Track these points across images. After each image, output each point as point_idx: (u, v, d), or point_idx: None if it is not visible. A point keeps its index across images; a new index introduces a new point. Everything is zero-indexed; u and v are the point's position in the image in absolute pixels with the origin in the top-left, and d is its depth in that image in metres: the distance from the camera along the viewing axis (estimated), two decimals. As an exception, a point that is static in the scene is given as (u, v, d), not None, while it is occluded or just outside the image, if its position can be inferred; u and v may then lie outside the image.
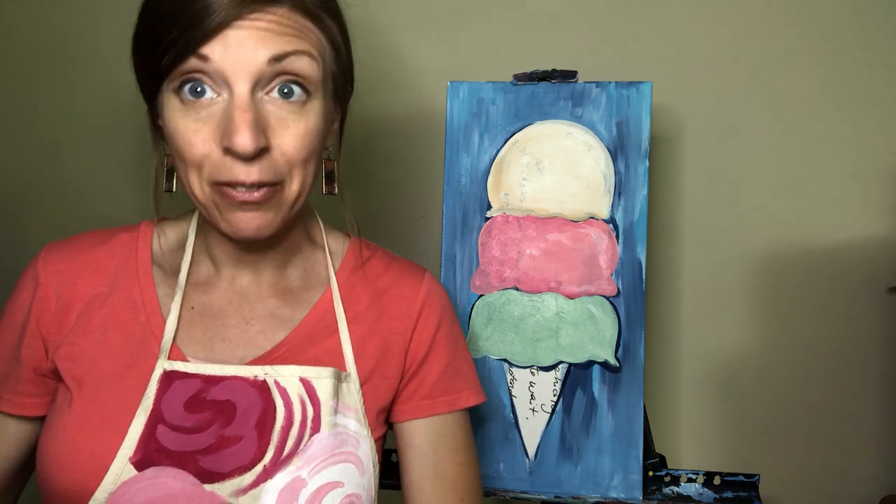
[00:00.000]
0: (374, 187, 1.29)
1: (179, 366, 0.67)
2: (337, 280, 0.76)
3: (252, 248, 0.72)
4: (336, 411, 0.68)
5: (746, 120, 1.18)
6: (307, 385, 0.68)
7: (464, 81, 1.00)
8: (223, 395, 0.66)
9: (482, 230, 0.99)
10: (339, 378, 0.69)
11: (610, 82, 0.97)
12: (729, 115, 1.18)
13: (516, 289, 0.98)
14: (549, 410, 0.96)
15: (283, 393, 0.67)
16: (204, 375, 0.67)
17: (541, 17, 1.22)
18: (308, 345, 0.71)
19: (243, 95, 0.60)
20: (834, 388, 1.19)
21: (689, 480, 0.96)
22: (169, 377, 0.66)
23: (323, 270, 0.77)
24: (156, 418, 0.64)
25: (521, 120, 0.99)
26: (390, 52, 1.26)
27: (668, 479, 0.97)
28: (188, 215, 0.77)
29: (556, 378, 0.96)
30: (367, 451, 0.69)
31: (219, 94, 0.61)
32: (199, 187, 0.63)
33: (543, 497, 0.95)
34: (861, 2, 1.15)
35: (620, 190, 0.97)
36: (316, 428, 0.67)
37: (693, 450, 1.22)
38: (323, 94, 0.65)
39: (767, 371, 1.20)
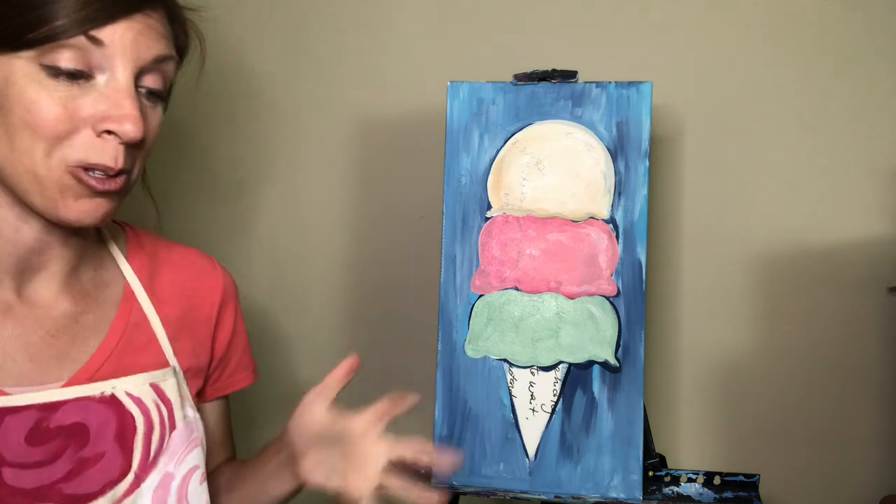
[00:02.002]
0: (374, 187, 1.29)
1: (1, 401, 0.60)
2: (133, 272, 0.73)
3: (45, 249, 0.66)
4: (182, 405, 0.71)
5: (746, 120, 1.18)
6: (156, 388, 0.69)
7: (464, 81, 1.00)
8: (69, 419, 0.63)
9: (482, 230, 0.99)
10: (176, 374, 0.71)
11: (610, 82, 0.97)
12: (729, 115, 1.18)
13: (516, 289, 0.98)
14: (549, 410, 0.96)
15: (138, 402, 0.67)
16: (37, 405, 0.61)
17: (541, 17, 1.22)
18: (127, 347, 0.69)
19: (129, 83, 0.60)
20: (834, 388, 1.19)
21: (689, 480, 0.96)
22: None
23: (112, 264, 0.73)
24: None
25: (521, 120, 0.99)
26: (390, 51, 1.26)
27: (668, 479, 0.97)
28: None
29: (556, 378, 0.96)
30: (202, 431, 0.73)
31: (94, 77, 0.59)
32: (44, 165, 0.58)
33: (543, 497, 0.95)
34: (861, 2, 1.15)
35: (620, 190, 0.97)
36: (172, 425, 0.69)
37: (693, 450, 1.22)
38: (165, 99, 0.67)
39: (767, 371, 1.20)
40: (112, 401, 0.65)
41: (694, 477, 0.96)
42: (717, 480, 0.96)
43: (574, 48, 1.21)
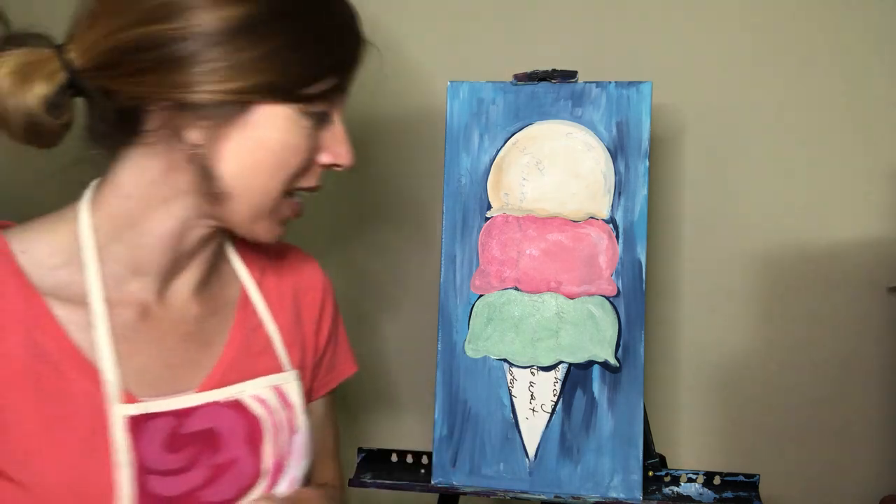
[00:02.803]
0: (373, 187, 1.29)
1: (141, 408, 0.59)
2: (248, 273, 0.74)
3: (196, 252, 0.66)
4: (302, 410, 0.70)
5: (746, 120, 1.18)
6: (279, 392, 0.69)
7: (464, 81, 1.00)
8: (200, 424, 0.63)
9: (482, 230, 0.99)
10: (297, 378, 0.71)
11: (610, 82, 0.97)
12: (729, 115, 1.18)
13: (516, 289, 0.98)
14: (549, 410, 0.96)
15: (264, 404, 0.67)
16: (173, 411, 0.61)
17: (541, 17, 1.22)
18: (247, 352, 0.69)
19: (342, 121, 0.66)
20: (834, 388, 1.19)
21: (689, 480, 0.96)
22: (136, 423, 0.59)
23: (227, 266, 0.73)
24: (142, 470, 0.58)
25: (521, 120, 0.99)
26: (390, 52, 1.26)
27: (668, 479, 0.97)
28: (56, 218, 0.63)
29: (556, 378, 0.96)
30: (310, 439, 0.72)
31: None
32: (273, 196, 0.62)
33: (543, 497, 0.95)
34: (861, 2, 1.15)
35: (620, 190, 0.97)
36: (293, 429, 0.68)
37: (693, 450, 1.22)
38: None
39: (767, 371, 1.20)
40: (238, 405, 0.65)
41: (694, 477, 0.96)
42: (717, 480, 0.96)
43: (574, 48, 1.21)
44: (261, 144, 0.60)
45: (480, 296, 0.98)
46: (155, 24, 0.55)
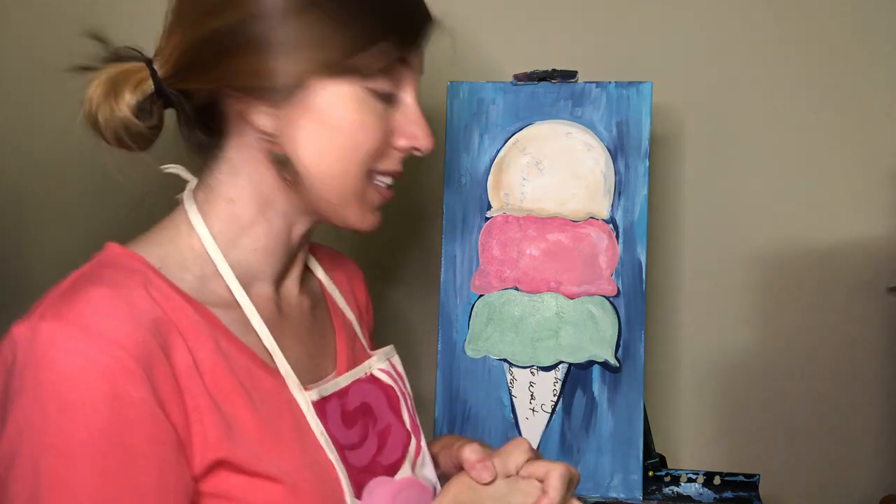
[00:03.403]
0: (374, 187, 1.29)
1: (316, 393, 0.64)
2: (323, 270, 0.78)
3: (301, 248, 0.70)
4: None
5: (746, 120, 1.18)
6: (392, 364, 0.75)
7: (464, 81, 1.00)
8: (357, 400, 0.68)
9: (482, 230, 0.99)
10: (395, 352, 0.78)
11: (610, 82, 0.97)
12: (729, 115, 1.18)
13: (516, 289, 0.98)
14: (549, 410, 0.96)
15: (389, 375, 0.73)
16: (336, 392, 0.67)
17: (541, 17, 1.22)
18: (348, 336, 0.75)
19: (417, 100, 0.66)
20: (834, 388, 1.19)
21: (689, 480, 0.96)
22: (319, 406, 0.64)
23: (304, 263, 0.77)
24: (339, 447, 0.63)
25: (521, 120, 0.99)
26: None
27: (668, 479, 0.97)
28: (161, 233, 0.63)
29: (556, 378, 0.96)
30: None
31: (398, 97, 0.65)
32: (354, 178, 0.63)
33: (543, 497, 0.95)
34: (861, 2, 1.15)
35: (620, 190, 0.97)
36: (411, 395, 0.76)
37: (693, 450, 1.22)
38: None
39: (767, 371, 1.20)
40: (373, 379, 0.72)
41: (694, 477, 0.96)
42: (717, 480, 0.96)
43: (574, 48, 1.21)
44: (330, 126, 0.61)
45: (480, 296, 0.98)
46: (212, 19, 0.58)
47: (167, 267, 0.60)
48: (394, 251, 1.29)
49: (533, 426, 0.96)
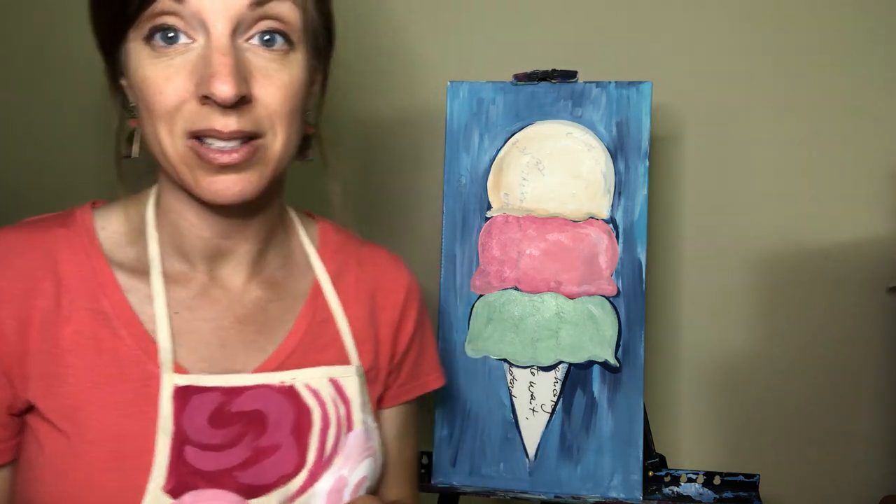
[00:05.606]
0: (373, 187, 1.29)
1: (191, 379, 0.60)
2: (324, 268, 0.72)
3: (229, 232, 0.65)
4: (362, 408, 0.68)
5: (746, 120, 1.18)
6: (336, 384, 0.67)
7: (464, 81, 1.00)
8: (249, 405, 0.62)
9: (482, 230, 0.99)
10: (359, 374, 0.69)
11: (610, 82, 0.97)
12: (729, 115, 1.18)
13: (516, 289, 0.98)
14: (549, 410, 0.96)
15: (316, 395, 0.66)
16: (223, 388, 0.62)
17: (541, 17, 1.22)
18: (312, 343, 0.68)
19: (222, 38, 0.55)
20: (834, 388, 1.19)
21: (689, 480, 0.96)
22: (183, 393, 0.60)
23: (301, 257, 0.72)
24: (180, 440, 0.59)
25: (521, 120, 0.99)
26: (390, 51, 1.26)
27: (668, 479, 0.97)
28: (134, 200, 0.67)
29: (556, 378, 0.96)
30: (377, 442, 0.70)
31: (194, 40, 0.56)
32: (171, 144, 0.57)
33: (543, 497, 0.95)
34: (861, 2, 1.15)
35: (620, 190, 0.97)
36: (349, 426, 0.66)
37: (693, 450, 1.22)
38: (305, 46, 0.60)
39: (767, 371, 1.20)
40: (291, 392, 0.64)
41: (694, 477, 0.96)
42: (717, 480, 0.96)
43: (574, 48, 1.21)
44: (132, 85, 0.59)
45: (480, 296, 0.98)
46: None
47: (109, 228, 0.65)
48: (393, 251, 1.29)
49: (533, 426, 0.96)
